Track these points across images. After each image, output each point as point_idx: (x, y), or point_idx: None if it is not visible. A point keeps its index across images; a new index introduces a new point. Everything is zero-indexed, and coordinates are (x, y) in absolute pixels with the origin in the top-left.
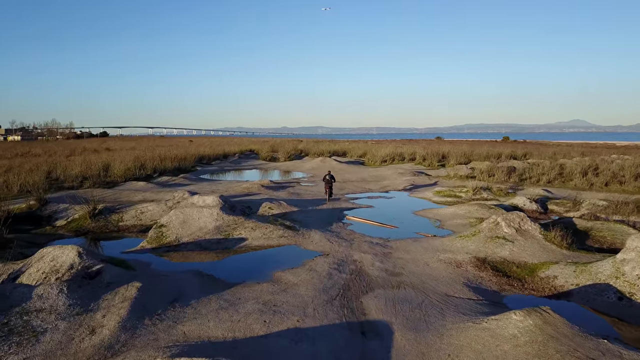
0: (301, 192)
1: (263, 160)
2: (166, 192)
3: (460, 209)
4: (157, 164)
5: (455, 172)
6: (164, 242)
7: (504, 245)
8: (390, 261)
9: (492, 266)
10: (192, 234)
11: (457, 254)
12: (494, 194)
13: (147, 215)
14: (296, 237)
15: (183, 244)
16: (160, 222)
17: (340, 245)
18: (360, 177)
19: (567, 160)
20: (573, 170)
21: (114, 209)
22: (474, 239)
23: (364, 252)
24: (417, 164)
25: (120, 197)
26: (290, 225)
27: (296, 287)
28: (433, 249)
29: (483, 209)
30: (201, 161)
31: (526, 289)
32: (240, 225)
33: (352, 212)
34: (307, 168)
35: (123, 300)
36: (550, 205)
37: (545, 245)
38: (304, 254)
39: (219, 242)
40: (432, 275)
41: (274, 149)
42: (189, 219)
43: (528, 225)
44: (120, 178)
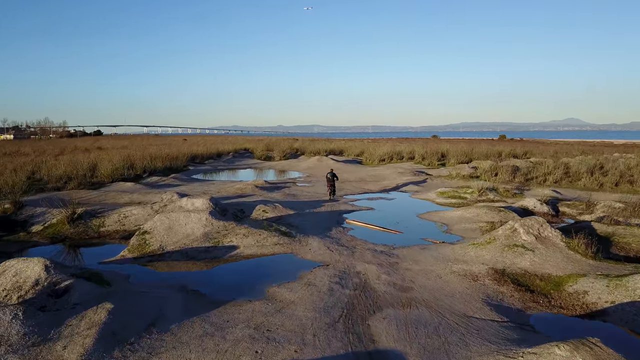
0: (297, 193)
1: (258, 159)
2: (155, 193)
3: (467, 212)
4: (147, 164)
5: (458, 172)
6: (147, 250)
7: (524, 254)
8: (398, 273)
9: (512, 279)
10: (178, 241)
11: (472, 264)
12: (501, 195)
13: (131, 220)
14: (292, 245)
15: (168, 253)
16: (144, 229)
17: (341, 254)
18: (358, 177)
19: (569, 159)
20: (579, 169)
21: (95, 213)
22: (489, 248)
23: (367, 262)
24: (416, 163)
25: (105, 199)
26: (286, 231)
27: (293, 306)
28: (444, 259)
29: (492, 212)
30: (194, 160)
31: (554, 307)
32: (231, 232)
33: (352, 216)
34: (303, 167)
35: (90, 327)
36: (561, 207)
37: (569, 254)
38: (301, 264)
39: (208, 251)
40: (446, 291)
41: (269, 147)
42: (175, 224)
43: (548, 231)
44: (107, 178)
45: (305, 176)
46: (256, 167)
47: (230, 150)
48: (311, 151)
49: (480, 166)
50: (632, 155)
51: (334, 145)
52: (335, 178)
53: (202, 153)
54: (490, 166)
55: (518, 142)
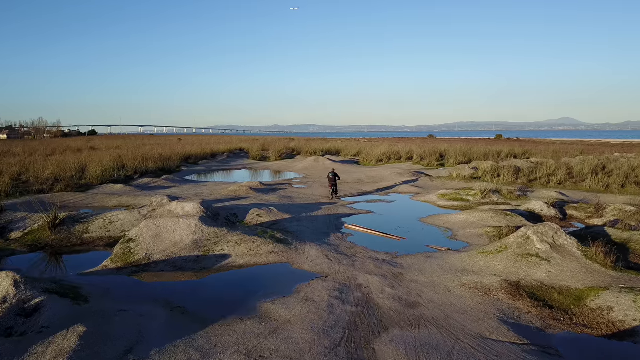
0: (293, 195)
1: (253, 159)
2: (145, 196)
3: (472, 216)
4: (138, 165)
5: (458, 173)
6: (132, 260)
7: (539, 265)
8: (403, 286)
9: (528, 293)
10: (166, 250)
11: (483, 276)
12: (504, 197)
13: (117, 226)
14: (288, 253)
15: (154, 263)
16: (129, 236)
17: (340, 264)
18: (356, 178)
19: (570, 159)
20: (583, 170)
21: (79, 218)
22: (501, 257)
23: (369, 273)
24: (415, 164)
25: (92, 202)
26: (282, 238)
27: (289, 326)
28: (452, 269)
29: (498, 216)
30: (187, 161)
31: (577, 325)
32: (222, 239)
33: (351, 220)
34: (299, 168)
35: (57, 356)
36: (568, 210)
37: (587, 264)
38: (297, 275)
39: (197, 261)
40: (457, 307)
41: (264, 147)
42: (162, 231)
43: (563, 239)
44: (96, 180)
45: (301, 177)
46: (251, 167)
47: (225, 150)
48: (307, 151)
49: (481, 167)
50: (632, 155)
51: (331, 145)
52: (337, 178)
53: (195, 153)
54: (491, 167)
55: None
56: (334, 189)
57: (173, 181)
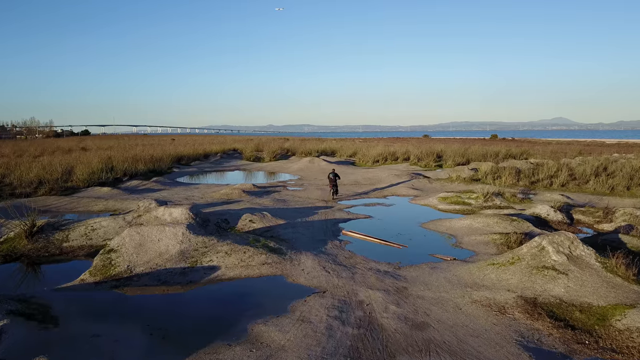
0: (288, 198)
1: (247, 160)
2: (133, 200)
3: (476, 221)
4: (128, 166)
5: (458, 175)
6: (112, 273)
7: (556, 279)
8: (409, 303)
9: (547, 311)
10: (150, 261)
11: (496, 291)
12: (508, 201)
13: (100, 234)
14: (283, 264)
15: (136, 276)
16: (110, 246)
17: (339, 277)
18: (352, 180)
19: (570, 159)
20: (585, 171)
21: (59, 225)
22: (513, 270)
23: (371, 288)
24: (412, 165)
25: (77, 206)
26: (275, 247)
27: (283, 353)
28: (461, 283)
29: (504, 222)
30: (179, 162)
31: (604, 350)
32: (211, 249)
33: (349, 225)
34: (294, 169)
35: None
36: (575, 215)
37: (608, 277)
38: (292, 290)
39: (184, 273)
40: (470, 328)
41: (258, 148)
42: (146, 241)
43: (580, 249)
44: (83, 183)
45: (296, 179)
46: (245, 168)
47: (218, 151)
48: (302, 152)
49: (481, 168)
50: (631, 155)
51: (326, 145)
52: (337, 178)
53: (188, 154)
54: (491, 168)
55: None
56: (335, 189)
57: (163, 183)
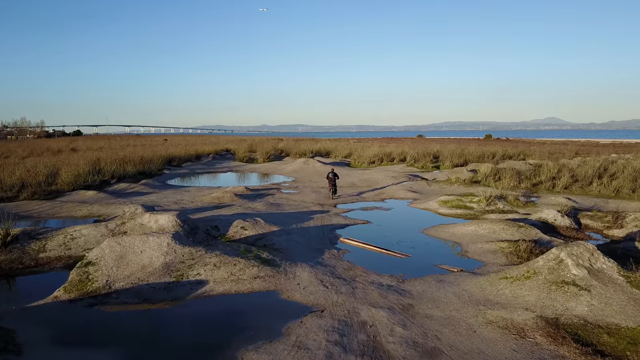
0: (282, 202)
1: (240, 161)
2: (119, 204)
3: (481, 228)
4: (116, 168)
5: (457, 177)
6: (89, 289)
7: (578, 296)
8: (416, 323)
9: (572, 334)
10: (131, 275)
11: (513, 310)
12: (511, 205)
13: (79, 243)
14: (276, 278)
15: (115, 293)
16: (88, 258)
17: (338, 292)
18: (349, 182)
19: (568, 160)
20: (587, 173)
21: (36, 234)
22: (530, 285)
23: (374, 306)
24: (408, 166)
25: (59, 211)
26: (268, 259)
27: None
28: (472, 300)
29: (511, 228)
30: (170, 163)
31: None
32: (199, 261)
33: (347, 232)
34: (288, 171)
35: None
36: (583, 220)
37: (634, 294)
38: (288, 308)
39: (168, 289)
40: (487, 356)
41: (252, 148)
42: (128, 252)
43: (601, 262)
44: (68, 186)
45: (290, 181)
46: (237, 170)
47: (210, 152)
48: (296, 152)
49: (480, 170)
50: (629, 155)
51: (320, 145)
52: (336, 177)
53: (179, 155)
54: (491, 170)
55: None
56: (334, 189)
57: (152, 186)
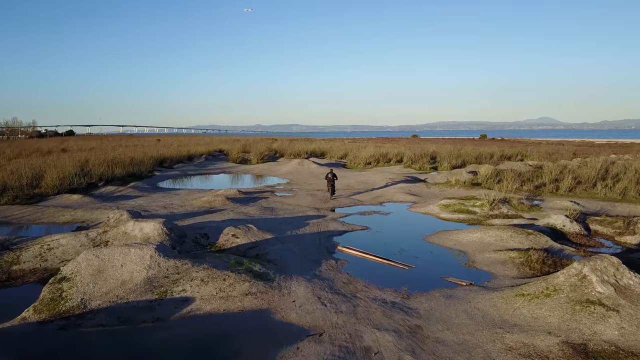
0: (276, 206)
1: (233, 162)
2: (104, 209)
3: (487, 235)
4: (104, 170)
5: (457, 179)
6: (62, 309)
7: (606, 317)
8: (427, 350)
9: None
10: (109, 292)
11: (534, 334)
12: (515, 209)
13: (57, 254)
14: (270, 294)
15: (91, 313)
16: (63, 273)
17: (338, 311)
18: (345, 184)
19: (568, 161)
20: (590, 175)
21: (10, 244)
22: (551, 304)
23: (378, 328)
24: (406, 167)
25: (40, 217)
26: (261, 272)
27: None
28: (487, 320)
29: (519, 235)
30: (162, 164)
31: None
32: (185, 275)
33: (345, 239)
34: (282, 172)
35: None
36: (592, 225)
37: None
38: (282, 331)
39: (150, 308)
40: None
41: (245, 149)
42: (107, 266)
43: (628, 278)
44: (52, 190)
45: (284, 183)
46: (230, 171)
47: (203, 152)
48: (291, 153)
49: (480, 171)
50: (629, 156)
51: (315, 146)
52: (335, 178)
53: (171, 156)
54: (492, 172)
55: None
56: (332, 190)
57: (141, 189)
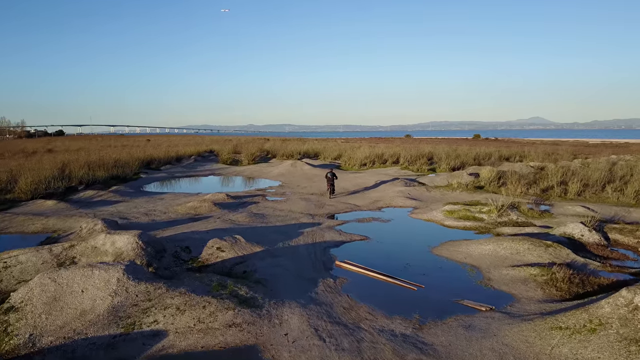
0: (267, 212)
1: (223, 163)
2: (80, 216)
3: (501, 247)
4: (84, 173)
5: (458, 181)
6: (6, 347)
7: None
8: None
9: None
10: (65, 326)
11: None
12: (525, 215)
13: (14, 273)
14: (258, 326)
15: (40, 353)
16: (11, 302)
17: (339, 349)
18: (341, 187)
19: (569, 162)
20: (598, 177)
21: None
22: (597, 342)
23: None
24: (402, 169)
25: (8, 226)
26: (248, 297)
27: None
28: None
29: (537, 248)
30: (149, 166)
31: None
32: (157, 303)
33: (343, 252)
34: (274, 174)
35: None
36: (611, 234)
37: None
38: None
39: (112, 345)
40: None
41: (236, 149)
42: (64, 293)
43: None
44: (26, 194)
45: (277, 186)
46: (220, 173)
47: (192, 153)
48: (283, 154)
49: (482, 174)
50: (630, 156)
51: (308, 146)
52: (334, 177)
53: (159, 157)
54: (495, 174)
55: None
56: (332, 189)
57: (123, 193)
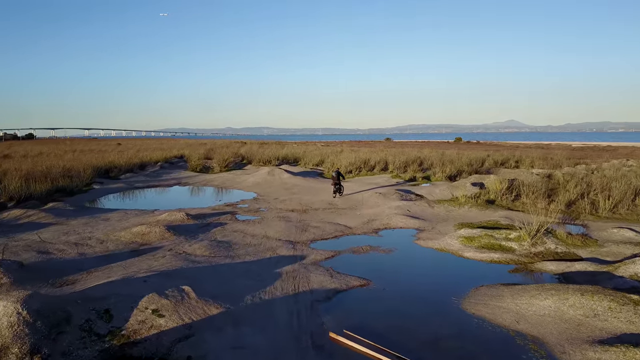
0: (236, 239)
1: (192, 171)
2: None
3: (566, 304)
4: (19, 186)
5: (463, 194)
6: None
7: None
8: None
9: None
10: None
11: None
12: (565, 243)
13: None
14: None
15: None
16: None
17: None
18: (326, 203)
19: (573, 169)
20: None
21: None
22: None
23: None
24: (393, 177)
25: None
26: None
27: None
28: None
29: (622, 307)
30: (108, 174)
31: None
32: None
33: (338, 310)
34: (249, 184)
35: None
36: None
37: None
38: None
39: None
40: None
41: (208, 154)
42: None
43: None
44: None
45: (250, 200)
46: (187, 183)
47: (159, 159)
48: (260, 159)
49: (488, 184)
50: (632, 161)
51: (287, 151)
52: (340, 177)
53: (120, 164)
54: (505, 185)
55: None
56: (337, 187)
57: (60, 213)
